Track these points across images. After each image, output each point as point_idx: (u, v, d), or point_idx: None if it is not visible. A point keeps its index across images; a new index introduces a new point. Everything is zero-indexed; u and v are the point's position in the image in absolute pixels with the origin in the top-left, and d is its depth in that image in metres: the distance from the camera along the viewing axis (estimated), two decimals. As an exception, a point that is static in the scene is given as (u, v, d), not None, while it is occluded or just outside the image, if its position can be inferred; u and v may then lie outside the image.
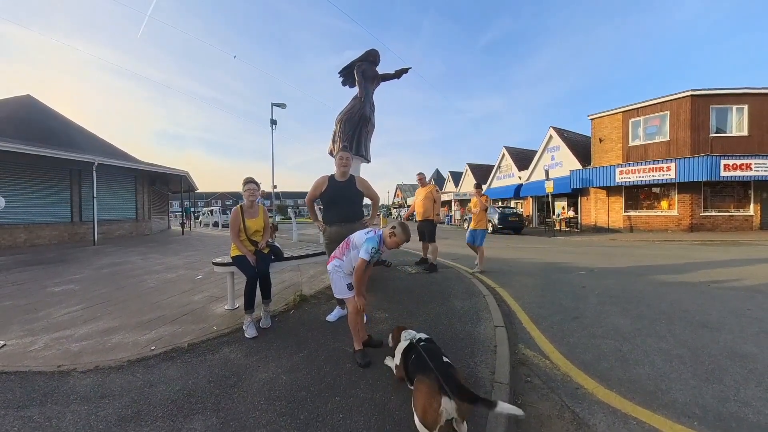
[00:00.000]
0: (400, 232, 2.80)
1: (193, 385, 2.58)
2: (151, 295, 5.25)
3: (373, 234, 2.85)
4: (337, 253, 3.02)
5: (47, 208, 12.67)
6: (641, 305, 4.49)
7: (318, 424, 2.06)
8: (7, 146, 10.25)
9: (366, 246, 2.74)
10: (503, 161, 28.84)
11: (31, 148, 10.89)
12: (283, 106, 14.79)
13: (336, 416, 2.13)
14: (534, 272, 7.11)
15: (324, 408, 2.22)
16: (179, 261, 8.54)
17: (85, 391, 2.57)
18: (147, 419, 2.21)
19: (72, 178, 13.49)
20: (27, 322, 4.07)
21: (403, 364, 2.35)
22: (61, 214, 13.21)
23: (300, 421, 2.11)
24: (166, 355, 3.11)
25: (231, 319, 3.99)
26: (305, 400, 2.33)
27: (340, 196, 3.85)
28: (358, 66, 6.21)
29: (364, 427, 2.02)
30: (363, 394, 2.36)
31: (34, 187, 12.38)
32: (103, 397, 2.48)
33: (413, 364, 2.14)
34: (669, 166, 15.32)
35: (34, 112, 15.61)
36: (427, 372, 1.88)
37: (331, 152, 6.32)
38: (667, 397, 2.39)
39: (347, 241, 2.99)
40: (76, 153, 12.40)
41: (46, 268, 7.67)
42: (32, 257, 9.23)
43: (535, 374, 2.77)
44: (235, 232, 3.84)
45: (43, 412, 2.33)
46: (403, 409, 2.15)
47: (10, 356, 3.14)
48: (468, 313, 4.05)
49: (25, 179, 12.06)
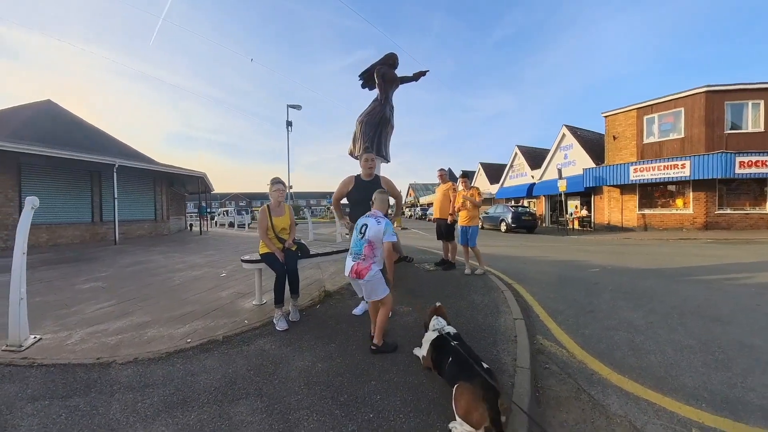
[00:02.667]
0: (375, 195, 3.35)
1: (233, 374, 2.75)
2: (178, 291, 5.46)
3: (379, 217, 3.13)
4: (369, 260, 3.03)
5: (69, 209, 13.00)
6: (653, 301, 4.65)
7: (358, 405, 2.28)
8: (33, 149, 10.66)
9: (388, 228, 3.05)
10: (516, 160, 28.81)
11: (56, 151, 11.27)
12: (298, 108, 15.12)
13: (374, 397, 2.35)
14: (548, 270, 7.28)
15: (362, 391, 2.44)
16: (201, 260, 8.76)
17: (127, 381, 2.69)
18: (194, 405, 2.35)
19: (93, 179, 13.87)
20: (60, 317, 4.20)
21: (431, 356, 2.55)
22: (82, 215, 13.56)
23: (341, 402, 2.32)
24: (203, 347, 3.26)
25: (260, 314, 4.16)
26: (343, 384, 2.54)
27: (366, 195, 4.05)
28: (378, 69, 6.39)
29: (401, 405, 2.25)
30: (396, 378, 2.59)
31: (56, 188, 12.71)
32: (146, 386, 2.61)
33: (453, 365, 2.26)
34: (683, 164, 15.21)
35: (54, 116, 15.97)
36: (471, 379, 2.01)
37: (351, 153, 6.50)
38: (676, 382, 2.59)
39: (370, 244, 3.05)
40: (97, 155, 12.77)
41: (71, 266, 7.92)
42: (55, 256, 9.43)
43: (553, 362, 2.98)
44: (263, 230, 4.01)
45: (88, 401, 2.44)
46: (435, 390, 2.39)
47: (47, 349, 3.27)
48: (488, 307, 4.27)
49: (47, 181, 12.41)
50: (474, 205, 6.29)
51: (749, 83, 15.11)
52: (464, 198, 6.30)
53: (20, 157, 11.16)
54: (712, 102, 15.34)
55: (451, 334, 2.56)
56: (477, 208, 6.39)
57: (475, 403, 1.87)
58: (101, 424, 2.18)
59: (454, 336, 2.54)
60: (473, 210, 6.33)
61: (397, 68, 6.73)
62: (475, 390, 1.91)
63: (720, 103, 15.32)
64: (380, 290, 3.03)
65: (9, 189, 11.34)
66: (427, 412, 2.16)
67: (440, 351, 2.46)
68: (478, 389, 1.90)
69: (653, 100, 17.17)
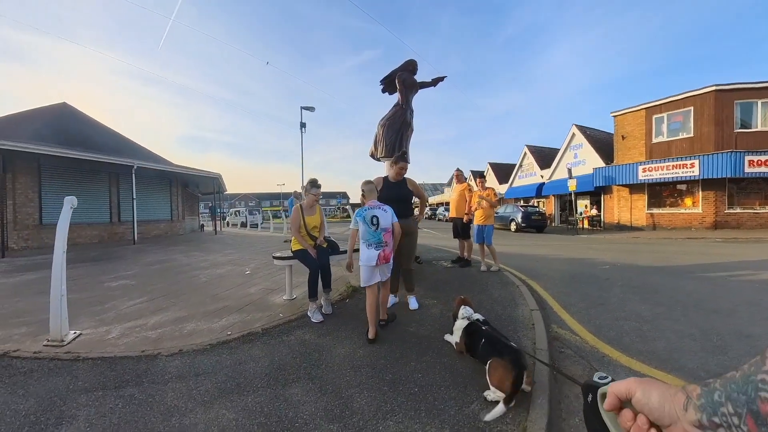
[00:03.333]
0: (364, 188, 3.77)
1: (280, 361, 2.98)
2: (207, 288, 5.68)
3: (382, 207, 3.65)
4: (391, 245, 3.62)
5: (88, 210, 13.28)
6: (660, 295, 5.00)
7: (403, 381, 2.65)
8: (53, 151, 11.11)
9: (392, 212, 3.65)
10: (525, 160, 29.01)
11: (76, 153, 11.74)
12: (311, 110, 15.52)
13: (416, 375, 2.73)
14: (560, 267, 7.62)
15: (404, 370, 2.82)
16: (222, 258, 9.10)
17: (177, 371, 2.83)
18: (248, 390, 2.54)
19: (111, 180, 14.30)
20: (96, 313, 4.37)
21: (464, 341, 2.91)
22: (101, 215, 13.99)
23: (387, 380, 2.67)
24: (244, 339, 3.48)
25: (293, 308, 4.44)
26: (385, 366, 2.89)
27: (394, 196, 4.37)
28: (399, 75, 6.71)
29: (441, 381, 2.64)
30: (433, 360, 2.99)
31: (75, 189, 12.75)
32: (198, 375, 2.76)
33: (486, 345, 2.61)
34: (692, 163, 15.36)
35: (70, 118, 16.29)
36: (503, 355, 2.36)
37: (372, 155, 6.85)
38: (678, 363, 2.95)
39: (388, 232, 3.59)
40: (117, 157, 13.19)
41: (95, 265, 8.21)
42: (77, 255, 9.52)
43: (567, 346, 3.37)
44: (296, 228, 4.31)
45: (142, 390, 2.57)
46: (468, 368, 2.79)
47: (89, 344, 3.42)
48: (505, 300, 4.66)
49: (66, 182, 12.77)
50: (490, 205, 6.59)
51: (759, 82, 15.19)
52: (480, 198, 6.60)
53: (40, 159, 11.54)
54: (721, 101, 15.46)
55: (480, 320, 2.93)
56: (492, 208, 6.69)
57: (506, 373, 2.24)
58: (160, 410, 2.33)
59: (483, 322, 2.91)
60: (488, 209, 6.62)
61: (416, 74, 7.04)
62: (506, 364, 2.28)
63: (729, 101, 15.43)
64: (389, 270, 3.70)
65: (29, 190, 11.77)
66: (463, 386, 2.56)
67: (473, 335, 2.83)
68: (509, 363, 2.27)
69: (662, 100, 17.30)
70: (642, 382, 0.54)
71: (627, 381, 0.55)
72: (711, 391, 0.46)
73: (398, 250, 4.32)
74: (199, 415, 2.27)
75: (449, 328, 3.31)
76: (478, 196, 6.67)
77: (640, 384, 0.53)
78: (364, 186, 3.80)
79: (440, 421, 2.16)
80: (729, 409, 0.43)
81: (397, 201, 4.38)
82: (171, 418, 2.24)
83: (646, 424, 0.51)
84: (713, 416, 0.44)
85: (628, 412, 0.54)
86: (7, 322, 4.12)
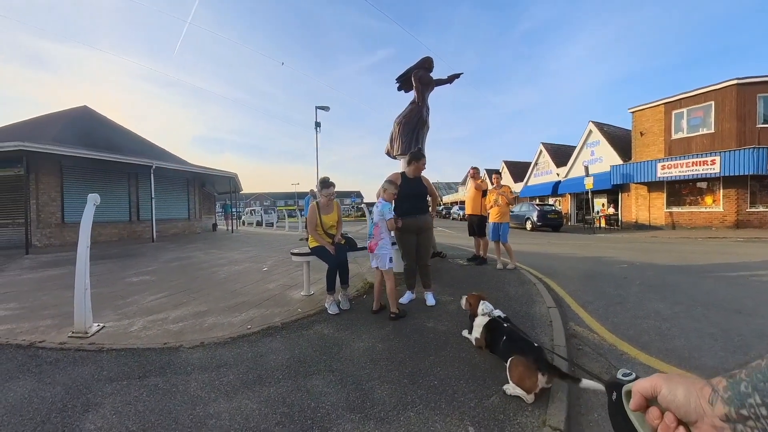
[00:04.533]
0: (386, 185, 4.10)
1: (300, 354, 3.05)
2: (226, 284, 5.79)
3: (378, 203, 4.05)
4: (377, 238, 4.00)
5: (108, 209, 13.64)
6: (679, 294, 4.93)
7: (423, 374, 2.70)
8: (75, 152, 11.59)
9: (384, 209, 3.97)
10: (541, 158, 28.66)
11: (97, 154, 12.18)
12: (326, 109, 15.64)
13: (435, 369, 2.77)
14: (577, 266, 7.57)
15: (423, 364, 2.86)
16: (239, 256, 9.27)
17: (200, 363, 2.90)
18: (270, 381, 2.60)
19: (130, 180, 14.72)
20: (118, 307, 4.52)
21: (484, 337, 2.93)
22: (121, 214, 14.43)
23: (407, 373, 2.71)
24: (264, 332, 3.56)
25: (311, 303, 4.51)
26: (405, 360, 2.93)
27: (412, 192, 4.42)
28: (415, 73, 6.72)
29: (460, 375, 2.67)
30: (452, 354, 3.03)
31: (95, 189, 12.90)
32: (220, 366, 2.83)
33: (507, 343, 2.62)
34: (713, 160, 14.92)
35: (91, 120, 16.81)
36: (525, 353, 2.37)
37: (388, 152, 6.89)
38: (698, 362, 2.93)
39: (377, 226, 4.03)
40: (135, 158, 13.61)
41: (115, 261, 8.43)
42: (99, 252, 9.63)
43: (585, 344, 3.37)
44: (313, 226, 4.39)
45: (166, 380, 2.63)
46: (486, 363, 2.82)
47: (112, 336, 3.54)
48: (522, 297, 4.66)
49: (88, 182, 13.14)
50: (506, 203, 6.59)
51: (783, 75, 14.63)
52: (498, 194, 6.60)
53: (62, 160, 12.01)
54: (743, 95, 15.01)
55: (501, 317, 2.94)
56: (508, 206, 6.71)
57: (528, 372, 2.26)
58: (184, 400, 2.39)
59: (504, 319, 2.92)
60: (504, 207, 6.63)
61: (432, 71, 7.04)
62: (529, 362, 2.29)
63: (752, 95, 14.96)
64: (386, 262, 3.96)
65: (52, 190, 12.26)
66: (482, 379, 2.60)
67: (494, 332, 2.85)
68: (531, 362, 2.29)
69: (682, 94, 16.87)
70: (668, 378, 0.52)
71: (652, 378, 0.53)
72: (737, 383, 0.43)
73: (415, 246, 4.38)
74: (223, 405, 2.33)
75: (467, 324, 3.34)
76: (495, 193, 6.66)
77: (665, 380, 0.51)
78: (384, 182, 4.17)
79: (460, 413, 2.20)
80: (756, 399, 0.41)
81: (415, 196, 4.46)
82: (195, 407, 2.32)
83: (673, 422, 0.49)
84: (741, 408, 0.42)
85: (654, 410, 0.52)
86: (33, 314, 4.30)
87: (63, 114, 16.84)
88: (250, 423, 2.15)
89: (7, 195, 11.64)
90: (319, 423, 2.14)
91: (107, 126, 17.63)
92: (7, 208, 11.70)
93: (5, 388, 2.61)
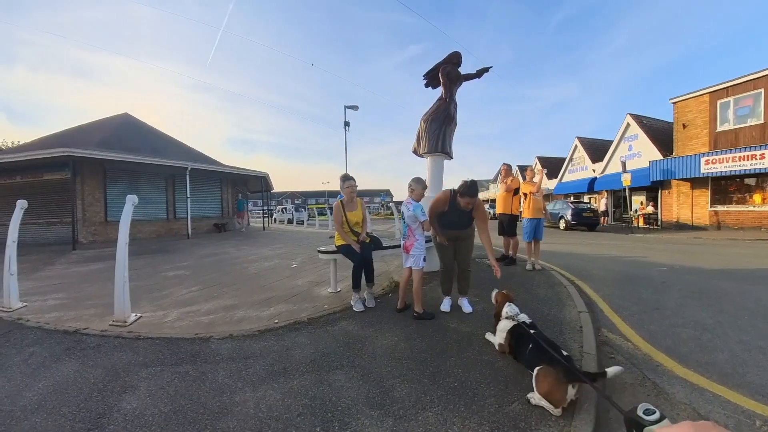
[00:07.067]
0: (413, 184, 4.00)
1: (324, 349, 3.13)
2: (257, 279, 5.99)
3: (408, 204, 3.93)
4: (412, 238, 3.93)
5: (147, 207, 14.68)
6: (724, 301, 4.61)
7: (444, 375, 2.69)
8: (118, 156, 12.65)
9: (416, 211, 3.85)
10: (575, 153, 27.50)
11: (137, 157, 13.17)
12: (355, 108, 15.75)
13: (456, 370, 2.75)
14: (612, 267, 7.25)
15: (445, 365, 2.85)
16: (270, 252, 9.58)
17: (228, 353, 3.04)
18: (294, 373, 2.69)
19: (167, 181, 15.70)
20: (155, 299, 4.78)
21: (508, 342, 2.84)
22: (159, 212, 15.48)
23: (428, 373, 2.71)
24: (291, 327, 3.67)
25: (337, 300, 4.60)
26: (426, 359, 2.93)
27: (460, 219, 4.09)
28: (443, 68, 6.54)
29: (481, 377, 2.63)
30: (473, 356, 2.98)
31: (136, 189, 14.10)
32: (247, 358, 2.96)
33: (534, 351, 2.49)
34: (763, 154, 13.63)
35: (132, 126, 18.10)
36: (553, 364, 2.25)
37: (415, 150, 6.79)
38: (743, 379, 2.69)
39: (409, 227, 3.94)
40: (173, 160, 14.55)
41: (153, 257, 8.94)
42: (138, 248, 10.17)
43: (618, 352, 3.21)
44: (339, 224, 4.40)
45: (196, 368, 2.78)
46: (509, 368, 2.75)
47: (148, 325, 3.78)
48: (552, 300, 4.52)
49: (129, 183, 14.16)
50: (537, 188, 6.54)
51: None
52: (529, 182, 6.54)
53: (105, 164, 13.04)
54: (797, 80, 13.68)
55: (527, 323, 2.84)
56: (543, 201, 6.58)
57: (557, 385, 2.14)
58: (212, 387, 2.53)
59: (530, 325, 2.82)
60: (540, 201, 6.51)
61: (460, 66, 6.85)
62: (558, 375, 2.17)
63: (808, 81, 13.63)
64: (419, 262, 3.91)
65: (96, 191, 13.32)
66: (504, 384, 2.54)
67: (519, 338, 2.75)
68: (561, 374, 2.17)
69: (728, 82, 15.49)
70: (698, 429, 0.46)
71: (680, 427, 0.48)
72: None
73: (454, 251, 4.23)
74: (248, 394, 2.45)
75: (491, 326, 3.28)
76: (528, 184, 6.53)
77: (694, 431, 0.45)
78: (410, 182, 4.06)
79: (479, 417, 2.17)
80: None
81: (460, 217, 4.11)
82: (222, 394, 2.45)
83: None
84: None
85: None
86: (78, 304, 4.66)
87: (106, 121, 18.19)
88: (273, 412, 2.25)
89: (55, 196, 12.65)
90: (339, 417, 2.19)
91: (146, 131, 18.76)
92: (56, 209, 12.74)
93: (54, 368, 2.88)
